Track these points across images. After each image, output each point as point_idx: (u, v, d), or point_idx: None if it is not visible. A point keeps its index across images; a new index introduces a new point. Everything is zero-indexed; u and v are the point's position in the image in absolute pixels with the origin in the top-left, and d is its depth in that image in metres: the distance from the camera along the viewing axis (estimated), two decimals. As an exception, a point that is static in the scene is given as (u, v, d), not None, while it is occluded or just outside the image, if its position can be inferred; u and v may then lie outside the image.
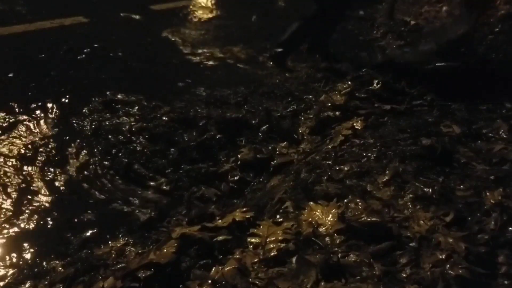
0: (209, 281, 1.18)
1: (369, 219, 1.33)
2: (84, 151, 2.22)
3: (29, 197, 1.88)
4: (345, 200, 1.45)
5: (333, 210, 1.38)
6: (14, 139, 2.24)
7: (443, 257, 1.17)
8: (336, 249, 1.24)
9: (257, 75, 3.29)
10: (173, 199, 1.95)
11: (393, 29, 4.14)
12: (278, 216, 1.43)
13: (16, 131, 2.31)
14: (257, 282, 1.14)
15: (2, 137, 2.25)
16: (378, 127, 2.04)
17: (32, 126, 2.37)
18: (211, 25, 4.54)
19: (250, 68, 3.43)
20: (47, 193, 1.92)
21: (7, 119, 2.40)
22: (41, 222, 1.76)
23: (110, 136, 2.32)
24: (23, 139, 2.26)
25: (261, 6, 5.18)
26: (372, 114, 2.21)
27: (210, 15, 4.88)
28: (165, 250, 1.32)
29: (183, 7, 4.99)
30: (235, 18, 4.79)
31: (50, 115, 2.50)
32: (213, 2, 5.39)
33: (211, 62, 3.55)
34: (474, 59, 2.84)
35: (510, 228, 1.28)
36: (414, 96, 2.47)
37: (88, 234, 1.70)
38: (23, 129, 2.34)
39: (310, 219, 1.37)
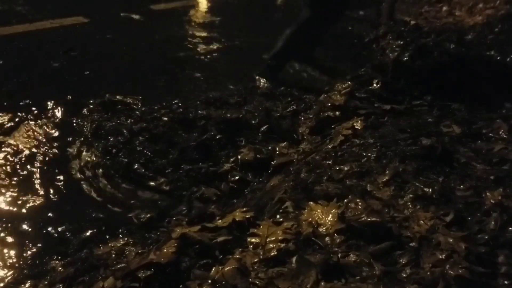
0: (209, 281, 1.18)
1: (369, 219, 1.33)
2: (84, 151, 2.22)
3: (29, 197, 1.88)
4: (345, 200, 1.45)
5: (333, 210, 1.38)
6: (14, 139, 2.24)
7: (443, 257, 1.17)
8: (336, 249, 1.23)
9: (257, 75, 3.29)
10: (173, 199, 1.95)
11: (393, 29, 4.13)
12: (278, 216, 1.43)
13: (16, 132, 2.31)
14: (257, 282, 1.14)
15: (2, 137, 2.25)
16: (378, 127, 2.04)
17: (32, 127, 2.37)
18: (210, 25, 4.54)
19: (250, 68, 3.43)
20: (47, 193, 1.93)
21: (7, 119, 2.41)
22: (41, 222, 1.76)
23: (110, 137, 2.32)
24: (23, 139, 2.26)
25: (261, 5, 5.18)
26: (372, 114, 2.20)
27: (210, 15, 4.88)
28: (165, 250, 1.31)
29: (183, 7, 5.00)
30: (235, 17, 4.79)
31: (50, 115, 2.50)
32: (212, 2, 5.39)
33: (210, 62, 3.55)
34: (474, 59, 2.83)
35: (510, 228, 1.28)
36: (414, 96, 2.47)
37: (88, 234, 1.70)
38: (23, 129, 2.34)
39: (310, 219, 1.36)
